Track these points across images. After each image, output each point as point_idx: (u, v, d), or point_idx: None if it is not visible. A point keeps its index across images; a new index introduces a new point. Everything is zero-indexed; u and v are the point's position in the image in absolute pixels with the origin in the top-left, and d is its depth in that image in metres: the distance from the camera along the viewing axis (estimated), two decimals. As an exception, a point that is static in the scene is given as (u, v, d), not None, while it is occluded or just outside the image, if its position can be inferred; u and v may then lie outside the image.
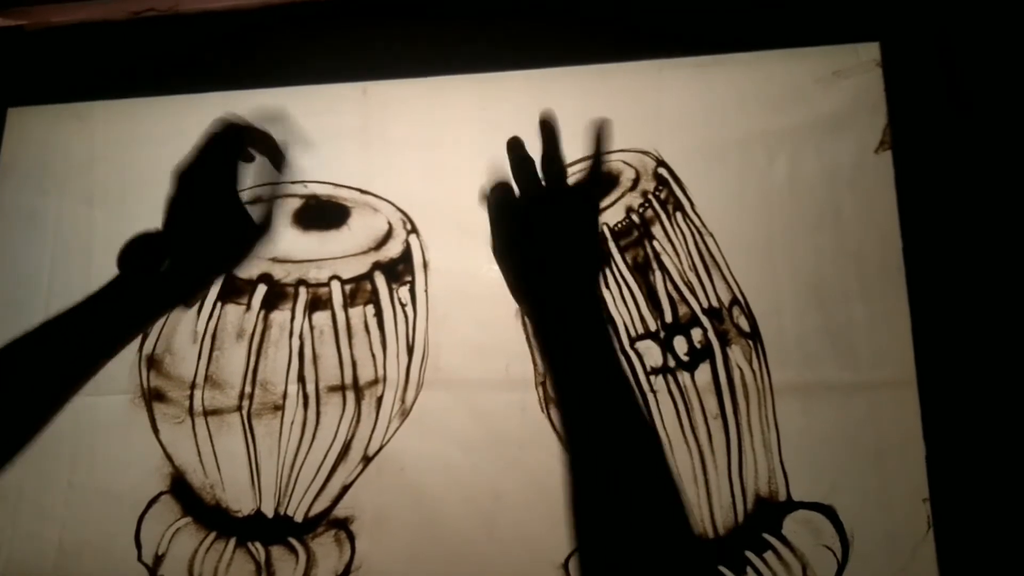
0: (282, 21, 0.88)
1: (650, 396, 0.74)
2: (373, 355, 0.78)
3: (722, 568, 0.70)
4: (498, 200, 0.61)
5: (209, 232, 0.63)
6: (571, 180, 0.62)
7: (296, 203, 0.83)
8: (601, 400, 0.53)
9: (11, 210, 0.88)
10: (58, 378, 0.58)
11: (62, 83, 0.91)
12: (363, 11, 0.86)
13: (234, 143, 0.66)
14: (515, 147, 0.64)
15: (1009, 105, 0.75)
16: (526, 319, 0.75)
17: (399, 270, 0.80)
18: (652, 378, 0.74)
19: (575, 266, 0.57)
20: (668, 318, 0.75)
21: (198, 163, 0.65)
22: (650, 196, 0.78)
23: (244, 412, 0.78)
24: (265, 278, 0.80)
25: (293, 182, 0.83)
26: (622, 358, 0.60)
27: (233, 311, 0.81)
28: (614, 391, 0.54)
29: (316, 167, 0.83)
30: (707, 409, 0.73)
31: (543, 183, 0.61)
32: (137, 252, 0.63)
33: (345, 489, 0.76)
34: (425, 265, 0.80)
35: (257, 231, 0.66)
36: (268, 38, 0.88)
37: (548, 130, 0.63)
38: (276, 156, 0.69)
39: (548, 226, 0.58)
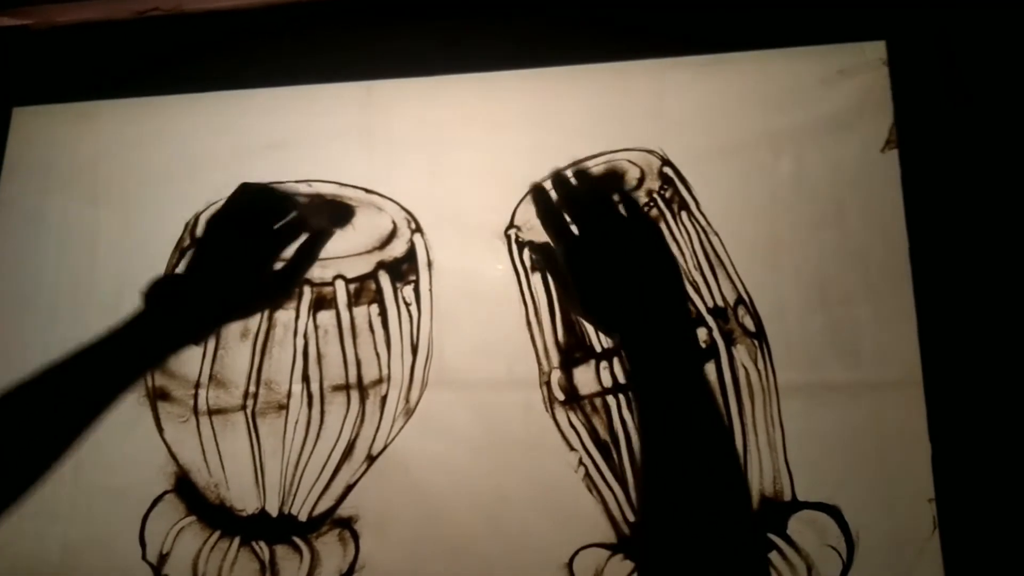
0: (286, 20, 0.88)
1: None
2: (377, 354, 0.78)
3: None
4: (568, 247, 0.64)
5: (231, 286, 0.67)
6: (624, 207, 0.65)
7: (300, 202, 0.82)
8: (694, 413, 0.55)
9: (16, 210, 0.88)
10: (74, 413, 0.60)
11: (67, 83, 0.91)
12: (367, 10, 0.86)
13: (276, 212, 0.70)
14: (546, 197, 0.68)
15: (1015, 104, 0.75)
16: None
17: (403, 269, 0.80)
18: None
19: (662, 283, 0.60)
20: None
21: (231, 216, 0.69)
22: (655, 195, 0.78)
23: (248, 411, 0.78)
24: (269, 277, 0.80)
25: (298, 181, 0.83)
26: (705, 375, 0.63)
27: (237, 310, 0.80)
28: (702, 399, 0.55)
29: (320, 166, 0.83)
30: (712, 409, 0.73)
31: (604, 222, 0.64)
32: (162, 291, 0.66)
33: (349, 488, 0.76)
34: (429, 264, 0.80)
35: (277, 293, 0.72)
36: (272, 37, 0.88)
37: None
38: (317, 239, 0.72)
39: (630, 253, 0.61)
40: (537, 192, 0.68)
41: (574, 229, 0.64)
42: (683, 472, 0.52)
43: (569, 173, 0.68)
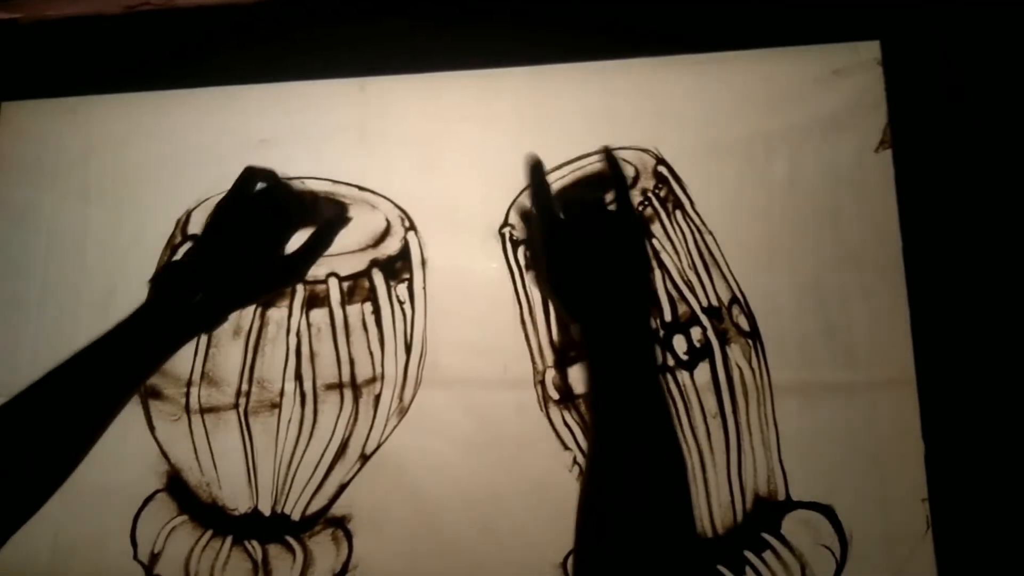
0: (279, 16, 0.87)
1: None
2: (371, 353, 0.78)
3: (721, 568, 0.70)
4: (550, 227, 0.66)
5: (242, 272, 0.68)
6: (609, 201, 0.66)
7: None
8: (642, 412, 0.56)
9: (5, 205, 0.87)
10: (93, 408, 0.60)
11: (56, 77, 0.90)
12: (361, 6, 0.86)
13: (281, 203, 0.72)
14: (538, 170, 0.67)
15: (1010, 105, 0.75)
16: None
17: (397, 267, 0.79)
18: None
19: (632, 283, 0.61)
20: (667, 317, 0.75)
21: (238, 203, 0.71)
22: (650, 194, 0.78)
23: (241, 410, 0.78)
24: (262, 275, 0.80)
25: (291, 178, 0.82)
26: (661, 375, 0.63)
27: (230, 308, 0.80)
28: (653, 403, 0.57)
29: (313, 164, 0.83)
30: (706, 408, 0.73)
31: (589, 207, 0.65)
32: (171, 281, 0.66)
33: (342, 487, 0.76)
34: (423, 262, 0.79)
35: (287, 277, 0.73)
36: (264, 33, 0.87)
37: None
38: (322, 233, 0.75)
39: (607, 247, 0.62)
40: (534, 165, 0.68)
41: (561, 212, 0.65)
42: (625, 476, 0.53)
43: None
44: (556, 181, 0.78)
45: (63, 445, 0.58)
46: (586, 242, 0.64)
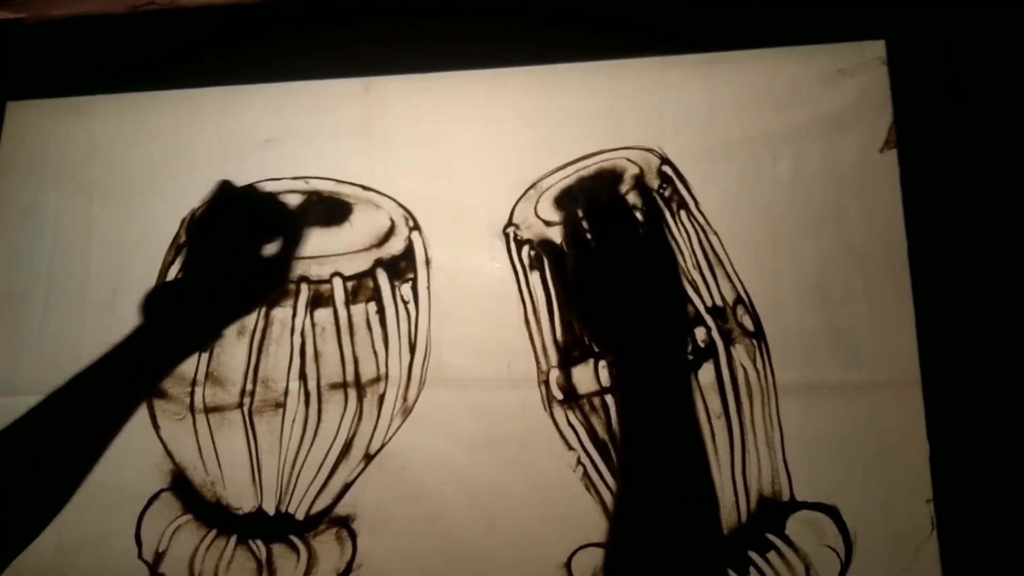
0: (283, 16, 0.87)
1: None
2: (375, 353, 0.78)
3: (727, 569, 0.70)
4: (581, 255, 0.66)
5: (225, 286, 0.68)
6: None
7: (298, 200, 0.82)
8: (675, 447, 0.56)
9: (9, 205, 0.87)
10: (93, 429, 0.61)
11: (61, 77, 0.90)
12: (365, 6, 0.86)
13: (250, 209, 0.72)
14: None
15: (1015, 105, 0.75)
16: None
17: (401, 267, 0.79)
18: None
19: (666, 313, 0.61)
20: (672, 317, 0.75)
21: (214, 218, 0.71)
22: (654, 194, 0.77)
23: (245, 409, 0.78)
24: (266, 275, 0.80)
25: (295, 178, 0.82)
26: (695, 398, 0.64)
27: (234, 308, 0.80)
28: (687, 440, 0.57)
29: (318, 163, 0.83)
30: (710, 408, 0.73)
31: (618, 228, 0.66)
32: (160, 301, 0.67)
33: (346, 487, 0.76)
34: (428, 262, 0.79)
35: (270, 284, 0.73)
36: (269, 33, 0.88)
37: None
38: (292, 234, 0.75)
39: (641, 276, 0.63)
40: (565, 193, 0.69)
41: (589, 237, 0.65)
42: (656, 506, 0.53)
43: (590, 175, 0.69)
44: (559, 181, 0.78)
45: (64, 465, 0.58)
46: (619, 271, 0.64)
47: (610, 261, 0.64)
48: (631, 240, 0.65)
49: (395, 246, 0.80)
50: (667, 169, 0.78)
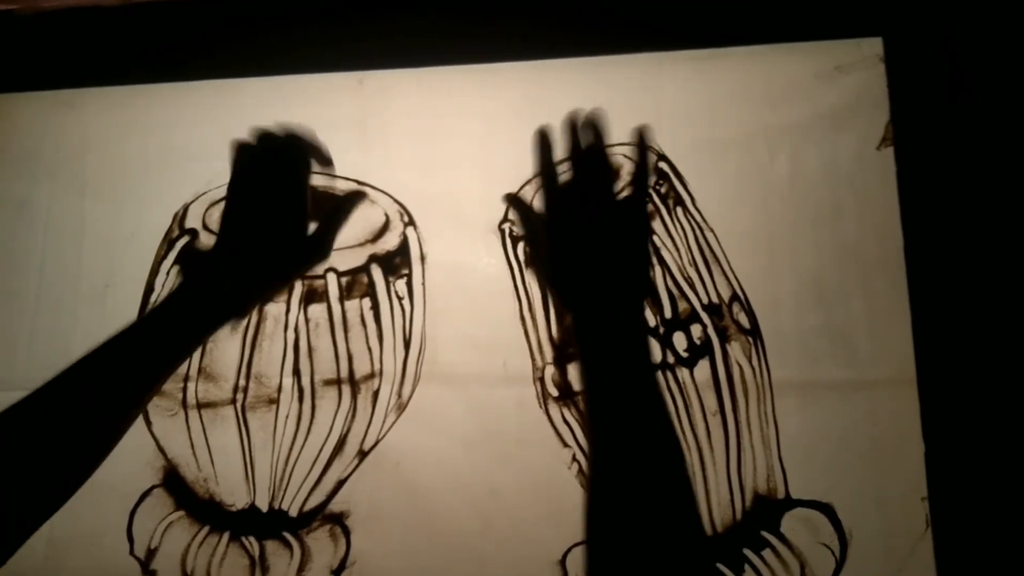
0: (278, 9, 0.87)
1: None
2: (369, 349, 0.77)
3: (720, 566, 0.70)
4: (553, 210, 0.65)
5: (270, 249, 0.64)
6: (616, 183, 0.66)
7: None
8: (637, 406, 0.55)
9: (2, 199, 0.87)
10: (122, 398, 0.57)
11: (53, 69, 0.89)
12: (360, 0, 0.85)
13: (295, 156, 0.68)
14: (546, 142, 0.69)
15: (1013, 102, 0.75)
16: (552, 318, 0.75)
17: (396, 263, 0.79)
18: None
19: (629, 276, 0.60)
20: (668, 314, 0.75)
21: (254, 174, 0.67)
22: (650, 190, 0.77)
23: (238, 405, 0.78)
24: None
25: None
26: (659, 371, 0.61)
27: (227, 303, 0.79)
28: (649, 397, 0.56)
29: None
30: (706, 406, 0.73)
31: (593, 184, 0.64)
32: (198, 266, 0.63)
33: (340, 484, 0.76)
34: (422, 258, 0.79)
35: (315, 253, 0.68)
36: (263, 26, 0.87)
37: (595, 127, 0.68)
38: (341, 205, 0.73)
39: (610, 237, 0.61)
40: (542, 135, 0.69)
41: (566, 195, 0.65)
42: (623, 470, 0.52)
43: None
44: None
45: (92, 437, 0.55)
46: (589, 229, 0.63)
47: (579, 215, 0.63)
48: (604, 196, 0.64)
49: (390, 242, 0.80)
50: (663, 166, 0.78)
